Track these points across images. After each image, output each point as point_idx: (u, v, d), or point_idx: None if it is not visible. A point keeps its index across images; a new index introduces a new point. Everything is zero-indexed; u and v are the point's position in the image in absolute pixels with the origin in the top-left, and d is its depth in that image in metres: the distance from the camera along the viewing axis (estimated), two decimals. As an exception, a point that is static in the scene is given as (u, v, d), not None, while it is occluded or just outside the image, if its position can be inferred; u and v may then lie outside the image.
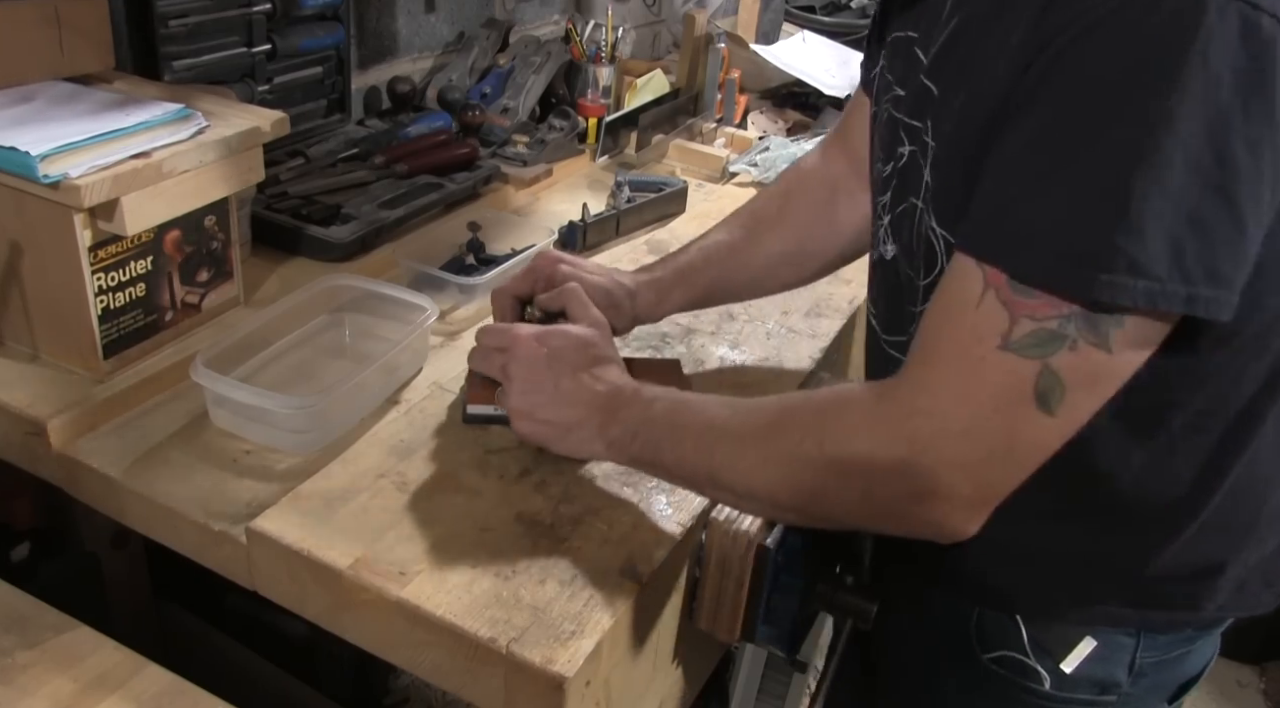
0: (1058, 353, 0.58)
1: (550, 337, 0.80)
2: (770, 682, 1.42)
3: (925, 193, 0.70)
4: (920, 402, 0.62)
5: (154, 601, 1.31)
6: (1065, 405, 0.59)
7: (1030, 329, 0.58)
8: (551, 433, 0.78)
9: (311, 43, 1.36)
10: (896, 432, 0.63)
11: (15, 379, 0.91)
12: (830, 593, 0.85)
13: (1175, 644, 0.79)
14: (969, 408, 0.61)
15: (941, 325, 0.63)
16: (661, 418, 0.74)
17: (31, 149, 0.80)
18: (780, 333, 1.12)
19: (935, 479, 0.62)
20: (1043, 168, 0.58)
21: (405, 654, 0.74)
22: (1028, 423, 0.60)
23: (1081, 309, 0.57)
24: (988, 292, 0.60)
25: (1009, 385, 0.59)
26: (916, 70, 0.72)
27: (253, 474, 0.84)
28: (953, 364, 0.61)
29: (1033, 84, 0.59)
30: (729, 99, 1.73)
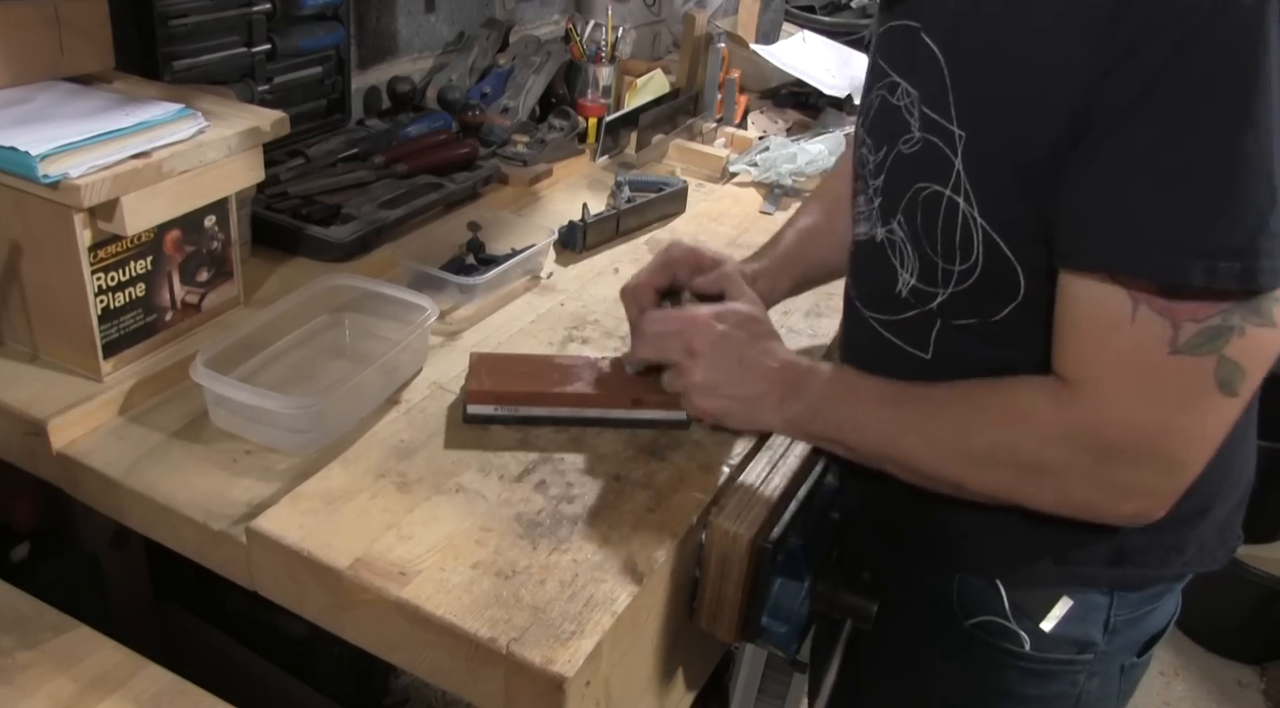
0: (1229, 343, 0.61)
1: (725, 315, 0.83)
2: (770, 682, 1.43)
3: (957, 182, 0.71)
4: (1105, 414, 0.65)
5: (154, 601, 1.31)
6: (1246, 383, 0.62)
7: (1196, 330, 0.61)
8: (734, 407, 0.81)
9: (311, 43, 1.36)
10: (1090, 441, 0.66)
11: (15, 379, 0.91)
12: (830, 593, 0.85)
13: (1144, 601, 0.82)
14: (1158, 412, 0.64)
15: (1099, 345, 0.65)
16: (843, 401, 0.77)
17: (31, 149, 0.80)
18: (780, 333, 1.12)
19: (1136, 481, 0.66)
20: (1167, 174, 0.60)
21: (405, 654, 0.74)
22: (1215, 411, 0.63)
23: (1243, 299, 0.60)
24: (1139, 306, 0.62)
25: (1191, 384, 0.62)
26: (929, 61, 0.72)
27: (253, 474, 0.84)
28: (1126, 376, 0.64)
29: (1132, 94, 0.60)
30: (729, 99, 1.73)
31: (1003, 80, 0.66)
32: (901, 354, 0.80)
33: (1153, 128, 0.59)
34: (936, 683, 0.89)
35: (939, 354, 0.78)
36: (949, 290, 0.75)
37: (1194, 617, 2.37)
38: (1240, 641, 2.25)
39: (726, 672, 1.31)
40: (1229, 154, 0.58)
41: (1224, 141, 0.58)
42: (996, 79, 0.67)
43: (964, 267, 0.73)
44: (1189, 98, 0.58)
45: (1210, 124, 0.58)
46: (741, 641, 0.84)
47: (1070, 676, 0.84)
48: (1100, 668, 0.84)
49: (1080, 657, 0.83)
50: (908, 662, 0.91)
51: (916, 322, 0.79)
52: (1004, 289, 0.71)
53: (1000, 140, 0.67)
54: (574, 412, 0.91)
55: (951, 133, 0.70)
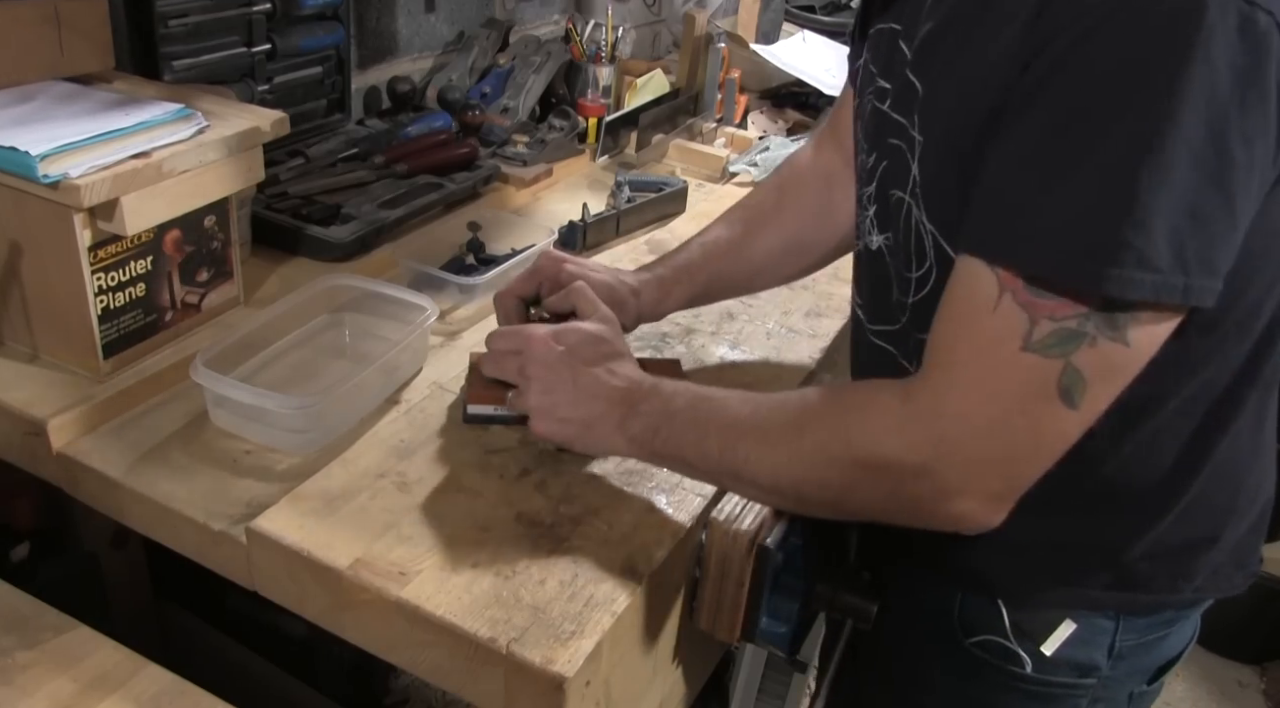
0: (1079, 350, 0.60)
1: (565, 334, 0.80)
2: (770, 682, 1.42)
3: (913, 187, 0.71)
4: (946, 404, 0.64)
5: (154, 601, 1.31)
6: (1087, 398, 0.61)
7: (1051, 329, 0.60)
8: (572, 431, 0.78)
9: (311, 43, 1.36)
10: (924, 433, 0.64)
11: (15, 379, 0.91)
12: (830, 593, 0.85)
13: (1154, 627, 0.80)
14: (995, 408, 0.62)
15: (959, 330, 0.64)
16: (683, 413, 0.75)
17: (31, 149, 0.80)
18: (780, 333, 1.12)
19: (964, 478, 0.64)
20: (1050, 167, 0.59)
21: (405, 654, 0.74)
22: (1053, 419, 0.62)
23: (1097, 306, 0.59)
24: (1004, 295, 0.61)
25: (1034, 385, 0.61)
26: (901, 64, 0.72)
27: (253, 474, 0.84)
28: (975, 367, 0.63)
29: (1033, 84, 0.59)
30: (729, 99, 1.73)
31: (952, 85, 0.66)
32: (898, 367, 0.79)
33: (1044, 119, 0.59)
34: (935, 702, 0.87)
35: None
36: (910, 299, 0.75)
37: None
38: (1240, 641, 2.25)
39: (726, 672, 1.31)
40: (1108, 155, 0.57)
41: (1106, 142, 0.57)
42: (948, 84, 0.67)
43: (919, 274, 0.73)
44: (1080, 93, 0.57)
45: (1097, 122, 0.57)
46: (741, 640, 0.84)
47: (1072, 700, 0.82)
48: (1105, 694, 0.82)
49: (1083, 681, 0.81)
50: (907, 679, 0.90)
51: (902, 333, 0.78)
52: None
53: (946, 144, 0.67)
54: (574, 412, 0.91)
55: (912, 138, 0.70)
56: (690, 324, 1.11)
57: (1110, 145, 0.57)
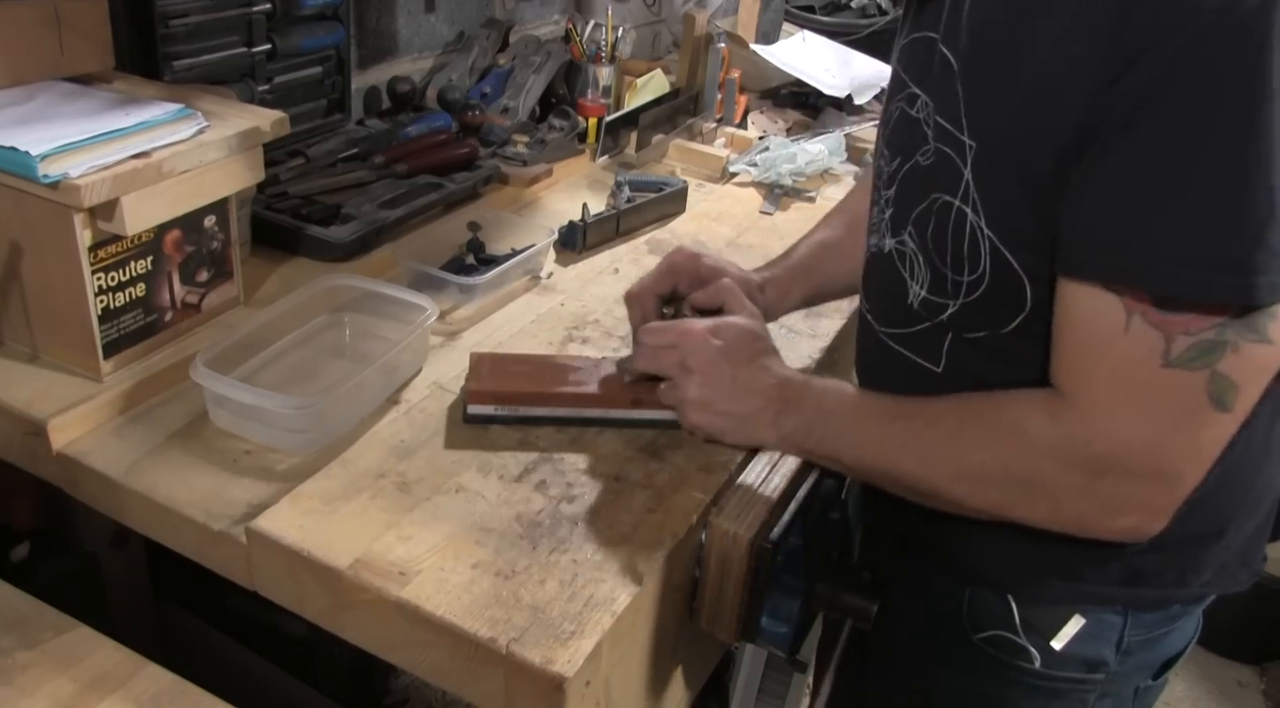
0: (1222, 358, 0.60)
1: (722, 330, 0.82)
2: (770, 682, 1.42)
3: (967, 192, 0.71)
4: (1096, 427, 0.64)
5: (154, 601, 1.31)
6: (1240, 400, 0.62)
7: (1190, 343, 0.60)
8: (728, 424, 0.81)
9: (311, 43, 1.36)
10: (1082, 455, 0.65)
11: (15, 379, 0.91)
12: (830, 593, 0.85)
13: (1161, 623, 0.81)
14: (1148, 427, 0.63)
15: (1090, 357, 0.64)
16: (836, 416, 0.77)
17: (31, 149, 0.80)
18: (780, 333, 1.12)
19: (1129, 495, 0.65)
20: (1168, 187, 0.59)
21: (405, 654, 0.74)
22: (1209, 426, 0.62)
23: (1235, 314, 0.59)
24: (1133, 317, 0.61)
25: (1183, 399, 0.61)
26: (944, 71, 0.72)
27: (253, 474, 0.84)
28: (1118, 389, 0.63)
29: (1133, 102, 0.59)
30: (729, 99, 1.73)
31: (1012, 91, 0.66)
32: (914, 368, 0.80)
33: (1153, 137, 0.59)
34: (943, 697, 0.88)
35: (951, 367, 0.77)
36: (959, 302, 0.75)
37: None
38: (1240, 641, 2.25)
39: (726, 672, 1.31)
40: (1228, 165, 0.57)
41: (1223, 152, 0.57)
42: (1006, 89, 0.67)
43: (972, 278, 0.73)
44: (1189, 107, 0.57)
45: (1210, 134, 0.57)
46: (741, 640, 0.84)
47: (1080, 695, 0.83)
48: (1112, 689, 0.83)
49: (1091, 676, 0.81)
50: (914, 675, 0.90)
51: (928, 334, 0.78)
52: (1011, 301, 0.71)
53: (1008, 151, 0.67)
54: (574, 412, 0.91)
55: (963, 143, 0.70)
56: (690, 324, 1.11)
57: (1222, 157, 0.57)
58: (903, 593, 0.86)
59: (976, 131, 0.69)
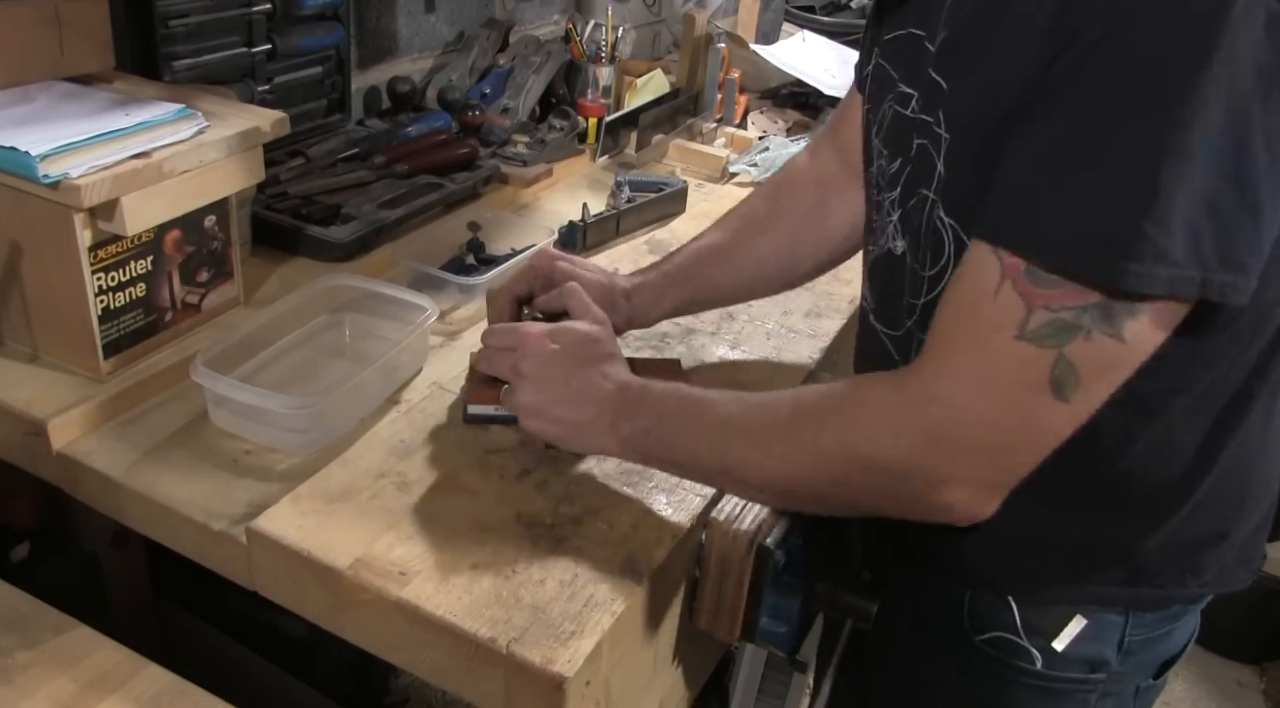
0: (1072, 342, 0.60)
1: (559, 334, 0.80)
2: (770, 682, 1.42)
3: (937, 184, 0.71)
4: (937, 388, 0.64)
5: (154, 601, 1.31)
6: (1080, 393, 0.61)
7: (1046, 319, 0.60)
8: (563, 431, 0.79)
9: (311, 43, 1.36)
10: (915, 420, 0.65)
11: (15, 379, 0.91)
12: (830, 593, 0.85)
13: (1161, 622, 0.81)
14: (986, 396, 0.62)
15: (958, 314, 0.64)
16: (674, 415, 0.75)
17: (31, 149, 0.80)
18: (780, 333, 1.12)
19: (952, 465, 0.65)
20: (1068, 161, 0.59)
21: (405, 654, 0.74)
22: (1044, 410, 0.62)
23: (1099, 299, 0.59)
24: (1004, 282, 0.61)
25: (1025, 374, 0.61)
26: (925, 65, 0.72)
27: (253, 474, 0.84)
28: (969, 353, 0.63)
29: (1056, 80, 0.59)
30: (729, 99, 1.73)
31: (975, 83, 0.66)
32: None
33: (1065, 112, 0.59)
34: (944, 699, 0.87)
35: None
36: (921, 299, 0.75)
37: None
38: (1240, 641, 2.25)
39: (726, 672, 1.31)
40: (1129, 149, 0.57)
41: (1128, 135, 0.57)
42: (972, 82, 0.67)
43: (933, 272, 0.73)
44: (1103, 87, 0.57)
45: (1117, 116, 0.57)
46: (741, 640, 0.84)
47: (1081, 695, 0.82)
48: (1113, 689, 0.83)
49: (1092, 676, 0.81)
50: (915, 677, 0.90)
51: (908, 335, 0.78)
52: None
53: (970, 139, 0.67)
54: (574, 412, 0.91)
55: (939, 137, 0.70)
56: (690, 324, 1.11)
57: (1129, 141, 0.57)
58: (902, 595, 0.86)
59: (951, 124, 0.69)
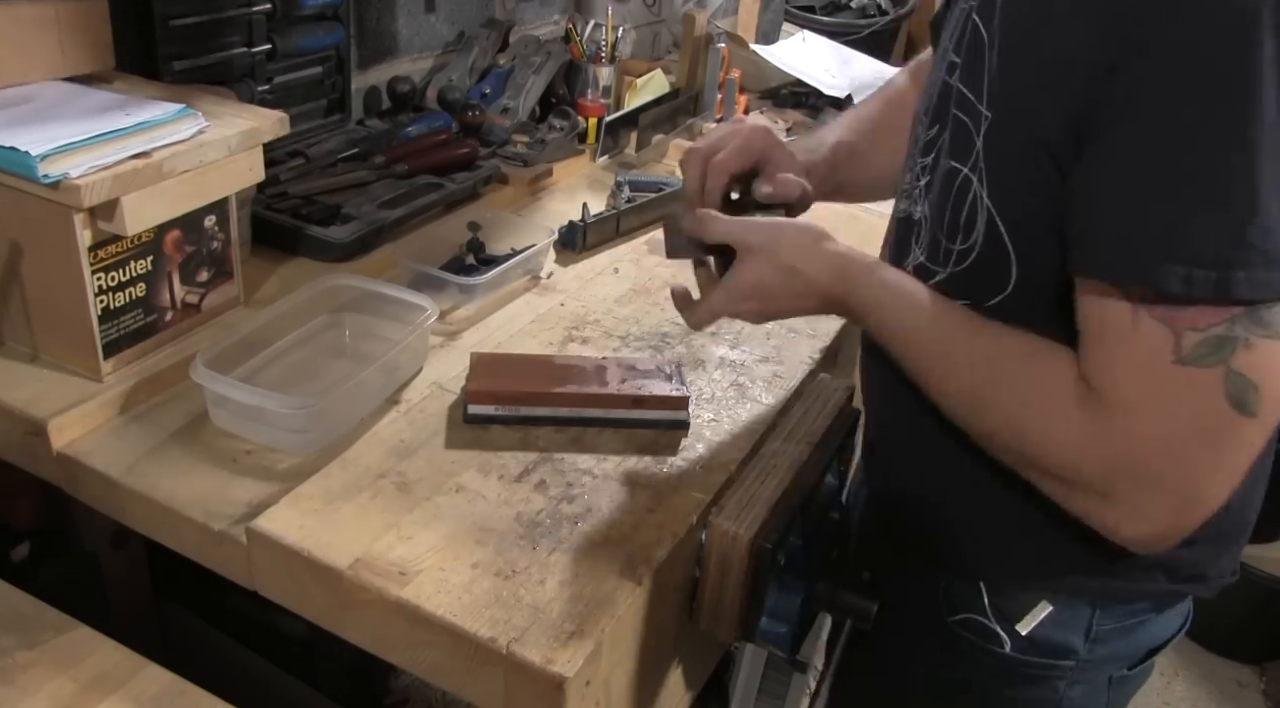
0: (1235, 354, 0.59)
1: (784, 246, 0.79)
2: (770, 682, 1.42)
3: (976, 161, 0.71)
4: (1117, 423, 0.62)
5: (154, 601, 1.31)
6: (1264, 402, 0.59)
7: (1199, 339, 0.59)
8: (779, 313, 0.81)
9: (311, 43, 1.36)
10: (1104, 451, 0.63)
11: (15, 379, 0.91)
12: (830, 593, 0.85)
13: (1132, 614, 0.81)
14: (1167, 425, 0.61)
15: (1108, 352, 0.63)
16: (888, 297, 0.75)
17: (31, 149, 0.80)
18: (780, 333, 1.12)
19: (1139, 503, 0.63)
20: (1155, 183, 0.59)
21: (405, 654, 0.74)
22: (1233, 431, 0.60)
23: (1242, 309, 0.58)
24: (1140, 313, 0.60)
25: (1199, 396, 0.60)
26: (975, 40, 0.72)
27: (253, 474, 0.84)
28: (1136, 385, 0.62)
29: (1123, 98, 0.59)
30: (729, 99, 1.73)
31: (1026, 67, 0.67)
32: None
33: (1140, 132, 0.59)
34: (919, 679, 0.89)
35: None
36: (948, 270, 0.75)
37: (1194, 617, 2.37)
38: (1240, 641, 2.25)
39: (726, 672, 1.31)
40: (1214, 163, 0.57)
41: (1209, 150, 0.57)
42: (1021, 65, 0.67)
43: (963, 246, 0.73)
44: (1179, 102, 0.57)
45: (1198, 131, 0.57)
46: (741, 640, 0.84)
47: (1050, 682, 0.83)
48: (1083, 677, 0.83)
49: (1060, 662, 0.82)
50: (891, 657, 0.91)
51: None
52: (997, 276, 0.71)
53: (1016, 126, 0.68)
54: (574, 412, 0.91)
55: (979, 113, 0.70)
56: (690, 324, 1.11)
57: (1208, 155, 0.57)
58: (885, 583, 0.87)
59: (993, 103, 0.69)
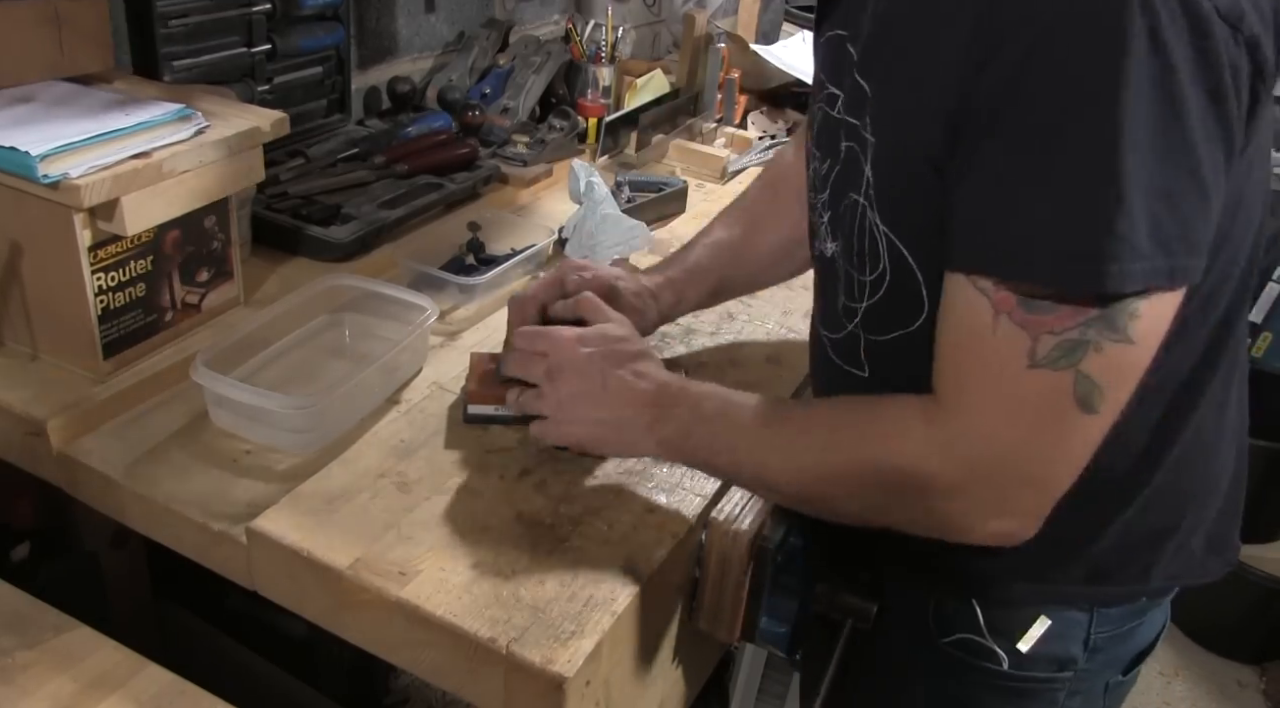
0: (1085, 357, 0.60)
1: (589, 337, 0.80)
2: (770, 682, 1.43)
3: (866, 189, 0.71)
4: (969, 427, 0.64)
5: (154, 601, 1.31)
6: (1106, 401, 0.62)
7: (1054, 343, 0.60)
8: (600, 432, 0.79)
9: (311, 43, 1.36)
10: (956, 455, 0.65)
11: (15, 379, 0.91)
12: (830, 593, 0.85)
13: (1127, 617, 0.81)
14: (1017, 428, 0.63)
15: (964, 355, 0.64)
16: (713, 419, 0.75)
17: (31, 149, 0.80)
18: (780, 333, 1.12)
19: (1000, 498, 0.65)
20: (1023, 182, 0.59)
21: (405, 654, 0.74)
22: (1075, 428, 0.62)
23: (1097, 312, 0.59)
24: (1000, 317, 0.61)
25: (1049, 400, 0.61)
26: (850, 67, 0.72)
27: (253, 474, 0.84)
28: (989, 390, 0.63)
29: (992, 99, 0.59)
30: (729, 99, 1.73)
31: (903, 85, 0.66)
32: (845, 375, 0.79)
33: (1010, 129, 0.59)
34: (913, 702, 0.87)
35: (874, 373, 0.77)
36: (864, 304, 0.75)
37: (1194, 617, 2.36)
38: (1240, 641, 2.25)
39: (726, 672, 1.31)
40: (1081, 158, 0.57)
41: (1072, 145, 0.57)
42: (899, 84, 0.67)
43: (873, 277, 0.73)
44: (1042, 100, 0.58)
45: (1060, 127, 0.57)
46: (741, 640, 0.84)
47: (1050, 694, 0.83)
48: (1081, 687, 0.83)
49: (1060, 675, 0.81)
50: (885, 682, 0.90)
51: (850, 339, 0.78)
52: (912, 300, 0.71)
53: (898, 144, 0.67)
54: (574, 412, 0.91)
55: (865, 140, 0.70)
56: (690, 324, 1.11)
57: (1075, 148, 0.57)
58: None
59: (876, 128, 0.69)
